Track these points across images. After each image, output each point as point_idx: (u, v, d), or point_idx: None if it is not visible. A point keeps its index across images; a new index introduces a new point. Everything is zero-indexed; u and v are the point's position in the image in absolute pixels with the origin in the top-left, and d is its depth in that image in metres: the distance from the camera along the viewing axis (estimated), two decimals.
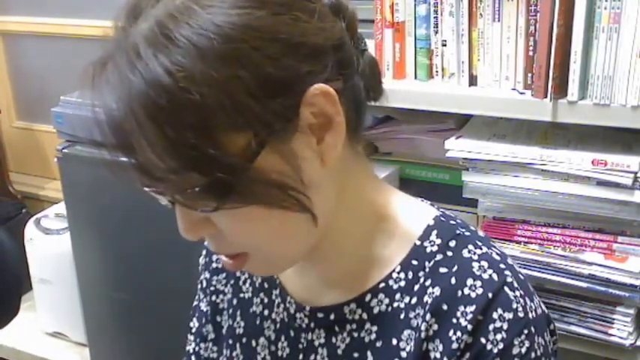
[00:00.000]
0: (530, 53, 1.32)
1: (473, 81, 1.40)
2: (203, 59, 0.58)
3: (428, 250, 0.72)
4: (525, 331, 0.67)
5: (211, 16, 0.59)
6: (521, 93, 1.34)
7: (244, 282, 0.87)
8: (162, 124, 0.58)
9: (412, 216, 0.75)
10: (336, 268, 0.77)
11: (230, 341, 0.88)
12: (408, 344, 0.71)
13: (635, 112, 1.22)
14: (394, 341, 0.72)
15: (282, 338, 0.81)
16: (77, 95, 1.87)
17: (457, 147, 1.38)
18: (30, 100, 2.76)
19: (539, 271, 1.35)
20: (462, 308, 0.68)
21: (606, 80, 1.23)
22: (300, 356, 0.79)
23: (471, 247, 0.71)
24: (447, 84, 1.42)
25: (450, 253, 0.71)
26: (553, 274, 1.34)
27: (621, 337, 1.32)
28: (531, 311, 0.69)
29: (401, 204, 0.77)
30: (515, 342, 0.66)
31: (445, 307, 0.69)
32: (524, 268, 1.36)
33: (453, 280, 0.69)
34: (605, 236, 1.32)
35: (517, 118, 1.35)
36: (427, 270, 0.71)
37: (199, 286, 0.92)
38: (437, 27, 1.41)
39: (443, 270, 0.70)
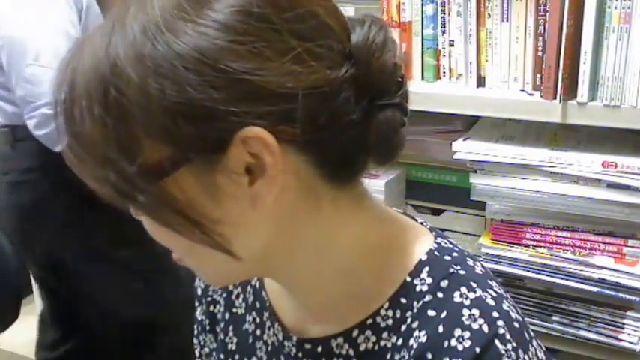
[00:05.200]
0: (539, 54, 1.31)
1: (481, 82, 1.39)
2: (140, 58, 0.56)
3: (418, 288, 0.67)
4: None
5: (157, 4, 0.58)
6: (530, 94, 1.33)
7: (237, 296, 0.84)
8: (92, 107, 0.57)
9: (405, 249, 0.70)
10: (315, 301, 0.73)
11: (222, 356, 0.85)
12: None
13: None
14: None
15: (282, 358, 0.77)
16: None
17: (465, 149, 1.37)
18: None
19: (548, 275, 1.34)
20: None
21: (616, 81, 1.22)
22: None
23: (463, 289, 0.66)
24: (454, 85, 1.41)
25: (440, 295, 0.66)
26: (562, 278, 1.33)
27: (631, 342, 1.30)
28: None
29: (394, 236, 0.71)
30: None
31: (430, 355, 0.64)
32: (533, 272, 1.35)
33: (441, 329, 0.64)
34: (615, 239, 1.31)
35: (526, 119, 1.34)
36: (415, 310, 0.67)
37: (196, 293, 0.90)
38: (444, 27, 1.39)
39: (431, 313, 0.65)
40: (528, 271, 1.36)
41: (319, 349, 0.73)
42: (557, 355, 1.41)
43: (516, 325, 0.64)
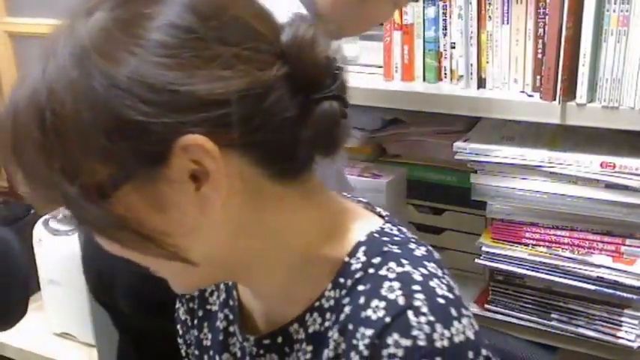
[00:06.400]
0: (539, 56, 1.32)
1: (481, 83, 1.40)
2: (71, 82, 0.58)
3: (353, 267, 0.68)
4: None
5: (85, 31, 0.60)
6: (530, 95, 1.34)
7: (211, 294, 0.85)
8: (32, 133, 0.59)
9: (347, 233, 0.71)
10: (270, 294, 0.75)
11: (197, 352, 0.86)
12: None
13: None
14: None
15: (248, 358, 0.79)
16: None
17: (465, 149, 1.38)
18: None
19: (547, 274, 1.35)
20: (362, 330, 0.64)
21: (615, 83, 1.23)
22: None
23: (392, 264, 0.66)
24: (455, 86, 1.43)
25: (371, 271, 0.67)
26: (561, 277, 1.34)
27: (629, 340, 1.32)
28: (442, 339, 0.62)
29: (342, 224, 0.72)
30: None
31: (351, 326, 0.65)
32: (533, 270, 1.36)
33: (362, 300, 0.65)
34: (613, 239, 1.32)
35: (525, 120, 1.35)
36: (348, 288, 0.68)
37: (177, 294, 0.90)
38: (446, 29, 1.41)
39: (360, 288, 0.66)
40: (528, 269, 1.37)
41: (279, 339, 0.74)
42: (556, 352, 1.43)
43: (441, 300, 0.64)
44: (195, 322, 0.87)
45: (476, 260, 1.42)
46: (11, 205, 2.49)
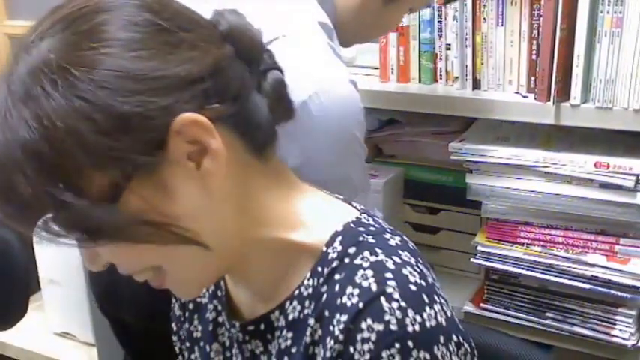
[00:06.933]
0: (534, 57, 1.33)
1: (476, 84, 1.41)
2: (48, 98, 0.60)
3: (330, 256, 0.70)
4: (397, 345, 0.64)
5: (49, 52, 0.61)
6: (525, 96, 1.35)
7: None
8: (25, 170, 0.60)
9: (324, 222, 0.74)
10: (255, 280, 0.77)
11: (187, 344, 0.89)
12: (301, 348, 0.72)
13: (637, 115, 1.23)
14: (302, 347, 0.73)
15: (235, 345, 0.81)
16: None
17: (461, 150, 1.39)
18: None
19: (541, 273, 1.36)
20: (337, 316, 0.66)
21: (608, 84, 1.24)
22: None
23: (366, 253, 0.69)
24: (451, 87, 1.44)
25: (346, 260, 0.69)
26: (556, 276, 1.35)
27: (623, 338, 1.33)
28: (413, 324, 0.64)
29: (314, 210, 0.75)
30: (384, 354, 0.64)
31: (327, 313, 0.68)
32: (527, 269, 1.37)
33: (337, 287, 0.68)
34: (607, 238, 1.33)
35: (520, 121, 1.36)
36: (325, 276, 0.70)
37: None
38: (441, 31, 1.42)
39: (336, 277, 0.69)
40: (523, 268, 1.38)
41: (262, 326, 0.77)
42: (551, 350, 1.43)
43: (413, 287, 0.67)
44: (187, 314, 0.89)
45: (471, 259, 1.43)
46: None
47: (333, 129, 1.01)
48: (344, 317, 0.66)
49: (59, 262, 2.10)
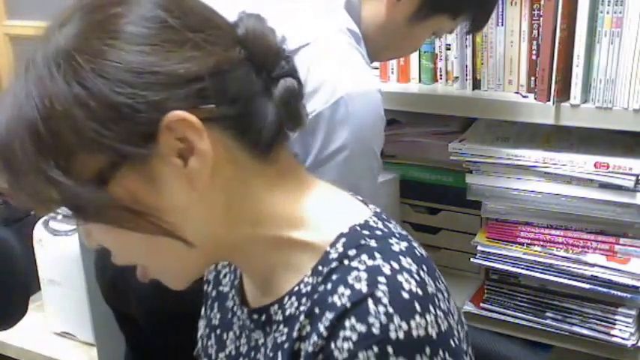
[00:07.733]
0: (534, 57, 1.33)
1: (476, 84, 1.41)
2: (57, 88, 0.64)
3: (331, 257, 0.71)
4: (376, 349, 0.64)
5: (62, 39, 0.65)
6: (525, 96, 1.36)
7: (225, 276, 0.90)
8: (24, 144, 0.64)
9: (332, 222, 0.74)
10: (255, 273, 0.79)
11: (207, 330, 0.91)
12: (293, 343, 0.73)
13: (637, 116, 1.23)
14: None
15: (244, 335, 0.83)
16: None
17: (461, 149, 1.39)
18: None
19: (542, 273, 1.36)
20: (327, 314, 0.67)
21: (608, 84, 1.24)
22: (252, 354, 0.82)
23: (364, 257, 0.69)
24: (450, 87, 1.44)
25: (345, 262, 0.69)
26: (555, 276, 1.35)
27: (623, 338, 1.33)
28: (397, 331, 0.64)
29: (323, 210, 0.75)
30: (360, 355, 0.64)
31: (317, 310, 0.69)
32: (527, 269, 1.37)
33: (329, 286, 0.68)
34: (607, 238, 1.33)
35: (520, 121, 1.36)
36: (324, 276, 0.71)
37: None
38: None
39: (333, 277, 0.69)
40: (523, 268, 1.38)
41: (263, 317, 0.78)
42: (550, 350, 1.44)
43: (405, 295, 0.66)
44: (209, 302, 0.91)
45: (471, 259, 1.44)
46: (11, 205, 2.50)
47: (352, 137, 1.05)
48: (331, 315, 0.66)
49: (59, 262, 2.10)
